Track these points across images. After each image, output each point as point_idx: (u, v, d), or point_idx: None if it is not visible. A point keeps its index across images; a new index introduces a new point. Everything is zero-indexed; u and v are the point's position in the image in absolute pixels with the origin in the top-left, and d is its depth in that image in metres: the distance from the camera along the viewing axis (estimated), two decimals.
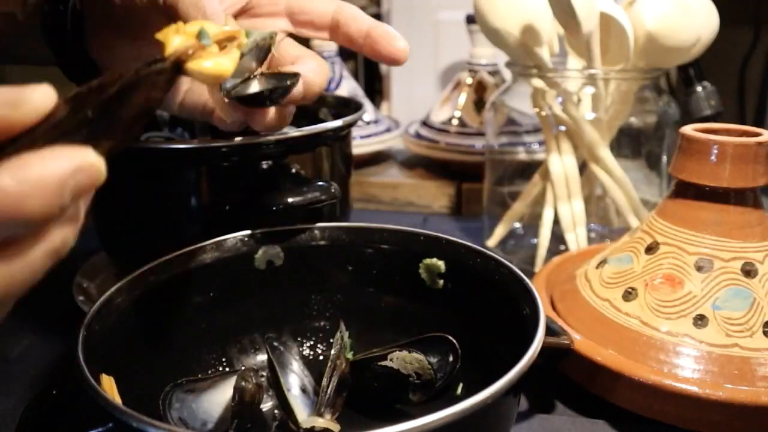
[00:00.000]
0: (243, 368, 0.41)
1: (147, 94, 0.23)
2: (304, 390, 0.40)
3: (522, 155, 0.72)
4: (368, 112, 0.91)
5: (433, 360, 0.39)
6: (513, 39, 0.57)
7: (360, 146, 0.86)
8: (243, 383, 0.37)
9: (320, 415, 0.37)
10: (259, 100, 0.37)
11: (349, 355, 0.41)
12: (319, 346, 0.45)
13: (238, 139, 0.46)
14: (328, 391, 0.38)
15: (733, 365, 0.39)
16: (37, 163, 0.20)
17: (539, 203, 0.64)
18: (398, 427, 0.24)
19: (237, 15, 0.42)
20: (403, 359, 0.39)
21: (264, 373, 0.42)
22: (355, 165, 0.78)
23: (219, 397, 0.38)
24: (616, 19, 0.55)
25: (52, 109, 0.21)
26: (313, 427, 0.37)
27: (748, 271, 0.41)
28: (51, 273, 0.22)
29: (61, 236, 0.22)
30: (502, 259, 0.39)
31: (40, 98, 0.21)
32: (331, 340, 0.42)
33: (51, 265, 0.22)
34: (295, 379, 0.40)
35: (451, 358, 0.39)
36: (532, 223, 0.67)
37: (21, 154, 0.20)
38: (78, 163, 0.20)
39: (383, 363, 0.39)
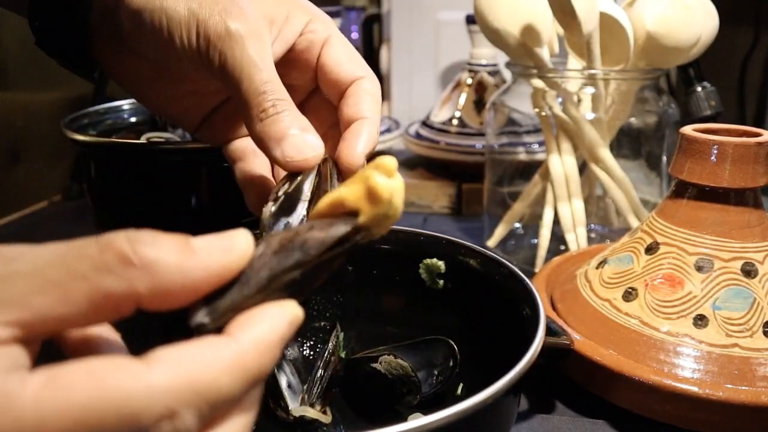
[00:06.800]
0: None
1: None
2: (289, 386, 0.40)
3: (522, 155, 0.72)
4: None
5: (420, 369, 0.39)
6: (513, 39, 0.57)
7: None
8: None
9: (311, 405, 0.38)
10: None
11: (342, 354, 0.41)
12: (319, 346, 0.45)
13: None
14: (321, 384, 0.38)
15: (733, 365, 0.39)
16: (263, 321, 0.20)
17: (539, 203, 0.64)
18: (398, 427, 0.24)
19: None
20: (389, 363, 0.39)
21: None
22: None
23: None
24: (616, 19, 0.55)
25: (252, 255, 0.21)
26: (303, 416, 0.37)
27: (748, 271, 0.41)
28: None
29: (243, 424, 0.20)
30: (502, 259, 0.39)
31: (244, 243, 0.21)
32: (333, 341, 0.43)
33: None
34: (282, 376, 0.41)
35: (450, 362, 0.39)
36: (532, 223, 0.67)
37: (241, 308, 0.20)
38: (291, 318, 0.21)
39: (373, 365, 0.39)
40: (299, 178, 0.31)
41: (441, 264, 0.42)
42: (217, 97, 0.38)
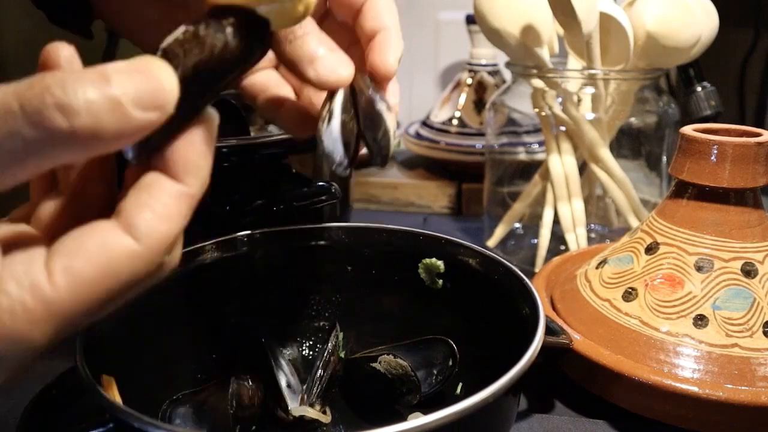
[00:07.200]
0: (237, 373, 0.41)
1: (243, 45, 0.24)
2: (289, 386, 0.40)
3: (522, 155, 0.72)
4: None
5: (420, 368, 0.39)
6: (513, 39, 0.57)
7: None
8: (238, 387, 0.37)
9: (311, 405, 0.38)
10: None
11: (341, 353, 0.41)
12: (318, 346, 0.45)
13: (237, 139, 0.46)
14: (320, 384, 0.38)
15: (733, 365, 0.39)
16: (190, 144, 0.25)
17: (539, 203, 0.64)
18: (398, 426, 0.24)
19: None
20: (388, 363, 0.39)
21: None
22: (356, 165, 0.78)
23: (221, 405, 0.38)
24: (616, 19, 0.55)
25: None
26: (303, 416, 0.37)
27: (748, 271, 0.41)
28: None
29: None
30: (502, 259, 0.39)
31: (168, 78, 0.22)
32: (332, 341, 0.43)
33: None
34: (282, 376, 0.41)
35: (450, 362, 0.39)
36: (532, 223, 0.67)
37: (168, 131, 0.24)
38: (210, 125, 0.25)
39: (373, 365, 0.39)
40: (336, 96, 0.31)
41: (440, 264, 0.42)
42: None
